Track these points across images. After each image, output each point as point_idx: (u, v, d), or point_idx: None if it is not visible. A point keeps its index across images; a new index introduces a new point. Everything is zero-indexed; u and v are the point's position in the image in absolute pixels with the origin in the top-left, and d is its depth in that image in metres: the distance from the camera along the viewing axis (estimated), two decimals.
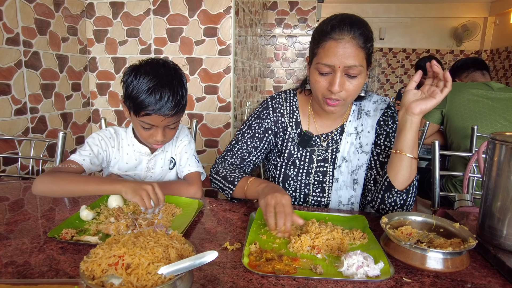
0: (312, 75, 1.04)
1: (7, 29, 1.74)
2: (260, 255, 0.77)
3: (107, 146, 1.20)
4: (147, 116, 1.04)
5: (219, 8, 2.20)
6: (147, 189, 0.89)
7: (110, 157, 1.22)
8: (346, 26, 0.97)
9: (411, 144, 0.96)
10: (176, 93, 1.04)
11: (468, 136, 1.93)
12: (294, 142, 1.18)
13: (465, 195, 1.43)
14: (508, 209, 0.78)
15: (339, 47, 0.96)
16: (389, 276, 0.70)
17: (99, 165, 1.19)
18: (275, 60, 3.87)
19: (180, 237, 0.67)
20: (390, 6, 5.47)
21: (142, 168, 1.25)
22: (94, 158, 1.15)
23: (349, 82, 0.99)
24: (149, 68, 1.05)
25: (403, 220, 0.88)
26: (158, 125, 1.07)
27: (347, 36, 0.97)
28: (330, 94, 1.00)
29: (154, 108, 1.02)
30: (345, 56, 0.96)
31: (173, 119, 1.08)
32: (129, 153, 1.23)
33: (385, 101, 1.17)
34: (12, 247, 0.79)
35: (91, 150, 1.15)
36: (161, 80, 1.03)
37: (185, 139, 1.29)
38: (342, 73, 0.98)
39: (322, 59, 0.99)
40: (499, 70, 4.98)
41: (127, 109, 1.10)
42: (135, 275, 0.55)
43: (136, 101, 1.03)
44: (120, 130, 1.26)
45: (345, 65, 0.96)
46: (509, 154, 0.77)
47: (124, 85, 1.06)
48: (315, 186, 1.17)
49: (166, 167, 1.28)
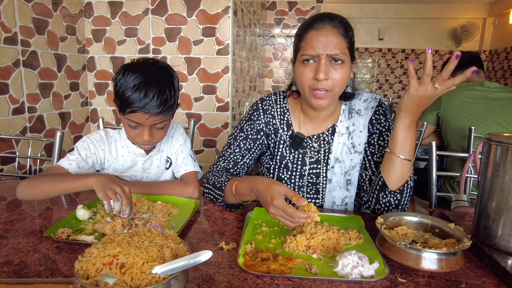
0: (297, 70, 1.06)
1: (5, 28, 1.74)
2: (255, 255, 0.77)
3: (96, 150, 1.19)
4: (133, 113, 1.03)
5: (217, 8, 2.20)
6: (115, 188, 0.87)
7: (102, 160, 1.21)
8: (326, 17, 1.02)
9: (402, 144, 0.95)
10: (163, 91, 1.03)
11: (464, 137, 1.93)
12: (286, 144, 1.17)
13: (462, 195, 1.43)
14: (503, 210, 0.78)
15: (320, 35, 1.00)
16: (384, 276, 0.70)
17: (90, 168, 1.19)
18: (274, 60, 3.87)
19: (175, 236, 0.68)
20: (389, 6, 5.47)
21: (138, 169, 1.25)
22: (82, 162, 1.15)
23: (334, 70, 1.00)
24: (138, 67, 1.05)
25: (398, 220, 0.88)
26: (144, 123, 1.06)
27: (328, 25, 1.01)
28: (316, 83, 1.01)
29: (139, 106, 1.01)
30: (327, 43, 0.99)
31: (160, 118, 1.06)
32: (124, 154, 1.22)
33: (375, 99, 1.16)
34: (8, 247, 0.79)
35: (79, 154, 1.15)
36: (147, 77, 1.03)
37: (180, 138, 1.28)
38: (326, 61, 1.00)
39: (305, 50, 1.01)
40: (498, 70, 4.99)
41: (117, 107, 1.09)
42: (130, 275, 0.55)
43: (122, 98, 1.03)
44: (113, 132, 1.25)
45: (328, 52, 0.99)
46: (504, 155, 0.78)
47: (114, 83, 1.06)
48: (309, 188, 1.17)
49: (162, 167, 1.28)
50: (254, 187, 0.93)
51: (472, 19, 5.30)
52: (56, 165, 1.12)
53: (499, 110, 1.94)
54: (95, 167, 1.22)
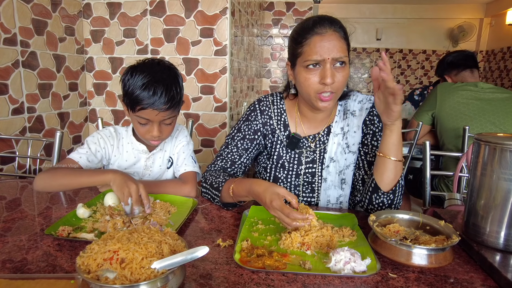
0: (300, 75, 1.05)
1: (4, 29, 1.76)
2: (251, 251, 0.79)
3: (106, 144, 1.24)
4: (143, 110, 1.09)
5: (215, 9, 2.22)
6: (132, 188, 0.93)
7: (109, 155, 1.26)
8: (326, 21, 1.02)
9: (394, 147, 0.97)
10: (170, 88, 1.09)
11: (459, 137, 1.96)
12: (282, 144, 1.19)
13: (455, 194, 1.45)
14: (491, 208, 0.81)
15: (324, 40, 1.00)
16: (375, 272, 0.72)
17: (99, 162, 1.24)
18: (271, 60, 3.89)
19: (173, 233, 0.70)
20: (387, 6, 5.50)
21: (141, 166, 1.28)
22: (92, 156, 1.20)
23: (338, 73, 1.02)
24: (145, 67, 1.11)
25: (390, 218, 0.91)
26: (153, 119, 1.11)
27: (329, 30, 1.01)
28: (323, 87, 1.01)
29: (148, 103, 1.07)
30: (331, 48, 0.99)
31: (168, 114, 1.12)
32: (128, 151, 1.27)
33: (370, 100, 1.17)
34: (10, 244, 0.81)
35: (89, 148, 1.21)
36: (154, 76, 1.09)
37: (184, 140, 1.33)
38: (331, 65, 1.01)
39: (309, 55, 1.01)
40: (495, 71, 5.02)
41: (126, 107, 1.14)
42: (129, 269, 0.57)
43: (131, 96, 1.08)
44: (121, 129, 1.31)
45: (333, 56, 0.99)
46: (492, 154, 0.80)
47: (122, 84, 1.12)
48: (305, 187, 1.19)
49: (164, 166, 1.31)
50: (251, 190, 0.95)
51: (469, 20, 5.33)
52: (68, 158, 1.17)
53: (492, 110, 1.97)
54: (103, 161, 1.27)
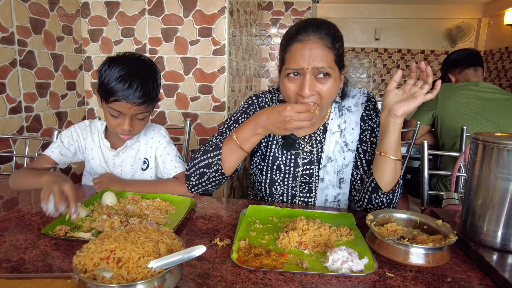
0: (282, 83, 1.03)
1: (1, 28, 1.75)
2: (249, 250, 0.79)
3: (79, 137, 1.25)
4: (116, 102, 1.08)
5: (213, 9, 2.22)
6: (55, 189, 0.88)
7: (83, 148, 1.26)
8: (311, 27, 0.96)
9: (395, 146, 0.96)
10: (146, 83, 1.10)
11: (459, 137, 1.97)
12: (278, 144, 1.17)
13: (453, 193, 1.46)
14: (488, 207, 0.81)
15: (305, 48, 0.94)
16: (373, 271, 0.72)
17: (74, 155, 1.26)
18: (270, 60, 3.89)
19: (170, 232, 0.69)
20: (385, 7, 5.51)
21: (110, 163, 1.28)
22: (64, 149, 1.22)
23: (321, 85, 0.97)
24: (124, 60, 1.11)
25: (388, 217, 0.91)
26: (126, 113, 1.11)
27: (313, 37, 0.95)
28: (302, 99, 0.97)
29: (123, 95, 1.07)
30: (312, 57, 0.94)
31: (141, 109, 1.12)
32: (100, 146, 1.28)
33: (364, 93, 1.15)
34: (6, 244, 0.81)
35: (61, 141, 1.23)
36: (132, 70, 1.09)
37: (163, 141, 1.29)
38: (311, 76, 0.95)
39: (290, 64, 0.97)
40: (493, 71, 5.04)
41: (99, 97, 1.14)
42: (126, 269, 0.57)
43: (106, 87, 1.08)
44: (97, 122, 1.30)
45: (313, 66, 0.94)
46: (489, 154, 0.80)
47: (99, 74, 1.12)
48: (302, 187, 1.17)
49: (136, 166, 1.29)
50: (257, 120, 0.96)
51: (467, 20, 5.35)
52: (43, 154, 1.19)
53: (492, 110, 1.97)
54: (78, 155, 1.27)
